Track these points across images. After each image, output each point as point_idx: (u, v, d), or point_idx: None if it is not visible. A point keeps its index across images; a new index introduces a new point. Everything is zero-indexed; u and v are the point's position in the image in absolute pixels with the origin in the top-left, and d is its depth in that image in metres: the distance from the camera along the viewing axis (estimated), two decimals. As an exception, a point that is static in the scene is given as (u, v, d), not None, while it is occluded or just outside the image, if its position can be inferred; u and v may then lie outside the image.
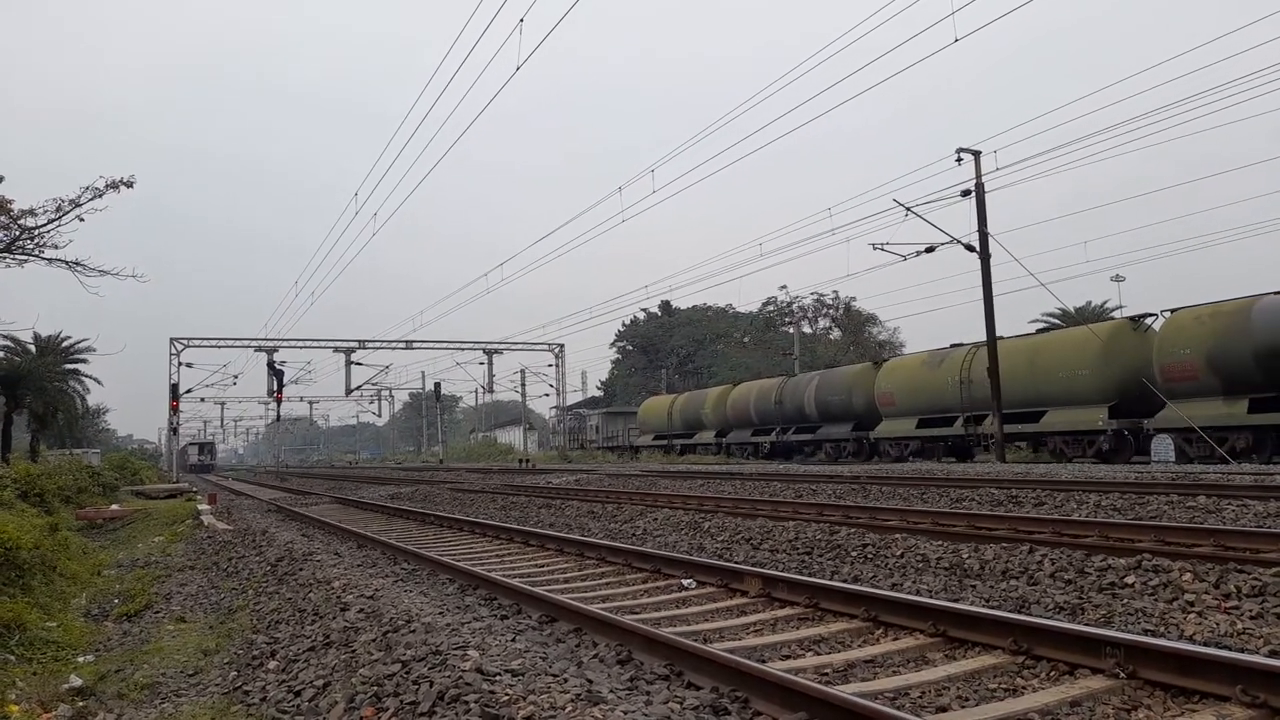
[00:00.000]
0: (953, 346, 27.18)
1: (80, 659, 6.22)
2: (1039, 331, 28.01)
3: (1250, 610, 5.15)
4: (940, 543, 8.01)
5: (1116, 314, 41.69)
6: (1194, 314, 20.07)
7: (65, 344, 44.52)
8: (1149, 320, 22.10)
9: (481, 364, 52.20)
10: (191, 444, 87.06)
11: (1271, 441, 18.15)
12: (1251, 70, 19.96)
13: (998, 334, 24.46)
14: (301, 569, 8.49)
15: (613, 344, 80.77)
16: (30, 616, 6.86)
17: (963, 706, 3.84)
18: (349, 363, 48.52)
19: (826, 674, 4.37)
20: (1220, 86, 20.43)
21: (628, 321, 77.76)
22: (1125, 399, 21.37)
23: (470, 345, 52.33)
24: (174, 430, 45.80)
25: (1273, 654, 4.35)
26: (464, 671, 3.97)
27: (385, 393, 71.17)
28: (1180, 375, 19.77)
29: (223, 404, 79.76)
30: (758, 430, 36.63)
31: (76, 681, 5.39)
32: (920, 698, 3.97)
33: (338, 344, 48.79)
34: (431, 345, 52.23)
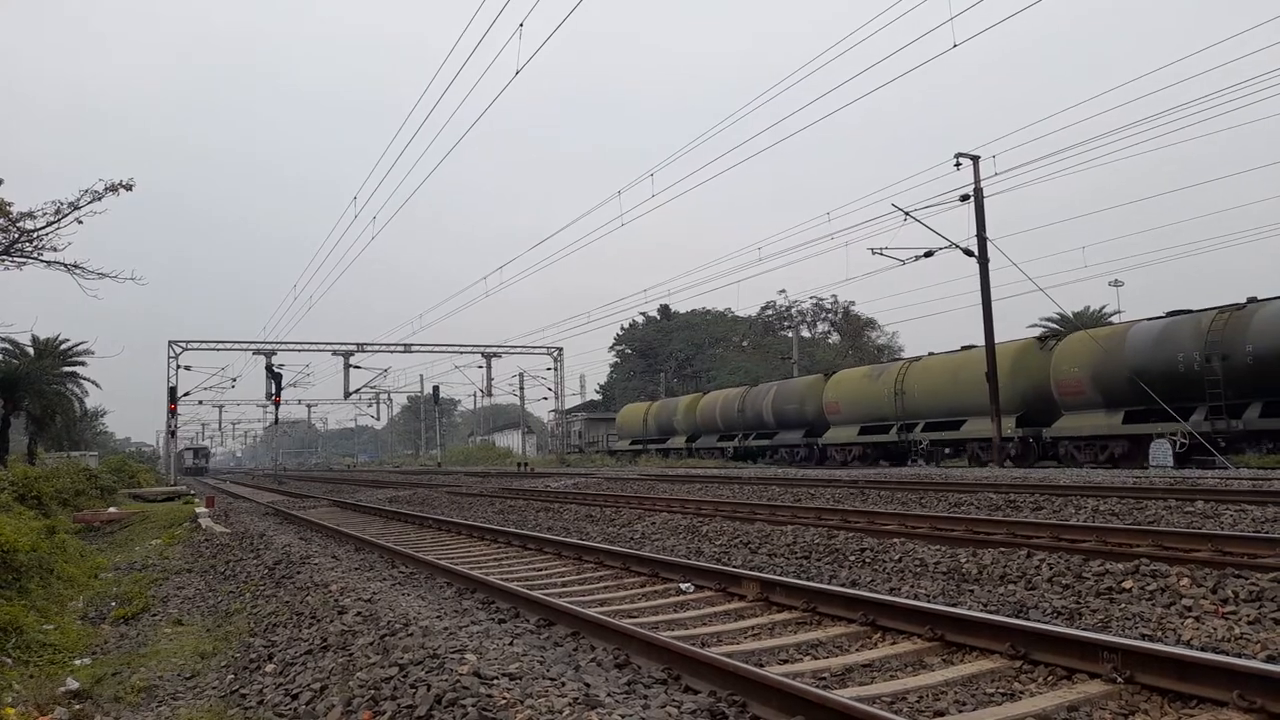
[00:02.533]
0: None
1: (77, 662, 6.20)
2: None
3: (1247, 615, 5.15)
4: (938, 547, 8.01)
5: (1115, 318, 41.78)
6: (1082, 336, 22.99)
7: (63, 346, 44.46)
8: (1053, 341, 24.44)
9: (480, 367, 52.22)
10: (187, 448, 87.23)
11: (1143, 449, 20.36)
12: (1253, 75, 20.03)
13: (995, 340, 24.52)
14: (299, 572, 8.48)
15: (611, 347, 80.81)
16: (27, 619, 6.85)
17: (960, 711, 3.84)
18: (347, 366, 48.49)
19: (824, 678, 4.37)
20: (1221, 91, 20.53)
21: (626, 325, 77.83)
22: (1030, 410, 23.94)
23: (469, 349, 52.32)
24: (172, 433, 45.69)
25: (1270, 659, 4.35)
26: (461, 675, 3.96)
27: (384, 396, 71.19)
28: (1071, 390, 22.41)
29: (221, 407, 79.90)
30: (723, 436, 39.35)
31: (73, 684, 5.37)
32: (918, 702, 3.97)
33: (336, 347, 48.76)
34: (430, 349, 52.26)
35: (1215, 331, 19.16)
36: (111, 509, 19.70)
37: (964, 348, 27.38)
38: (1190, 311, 20.51)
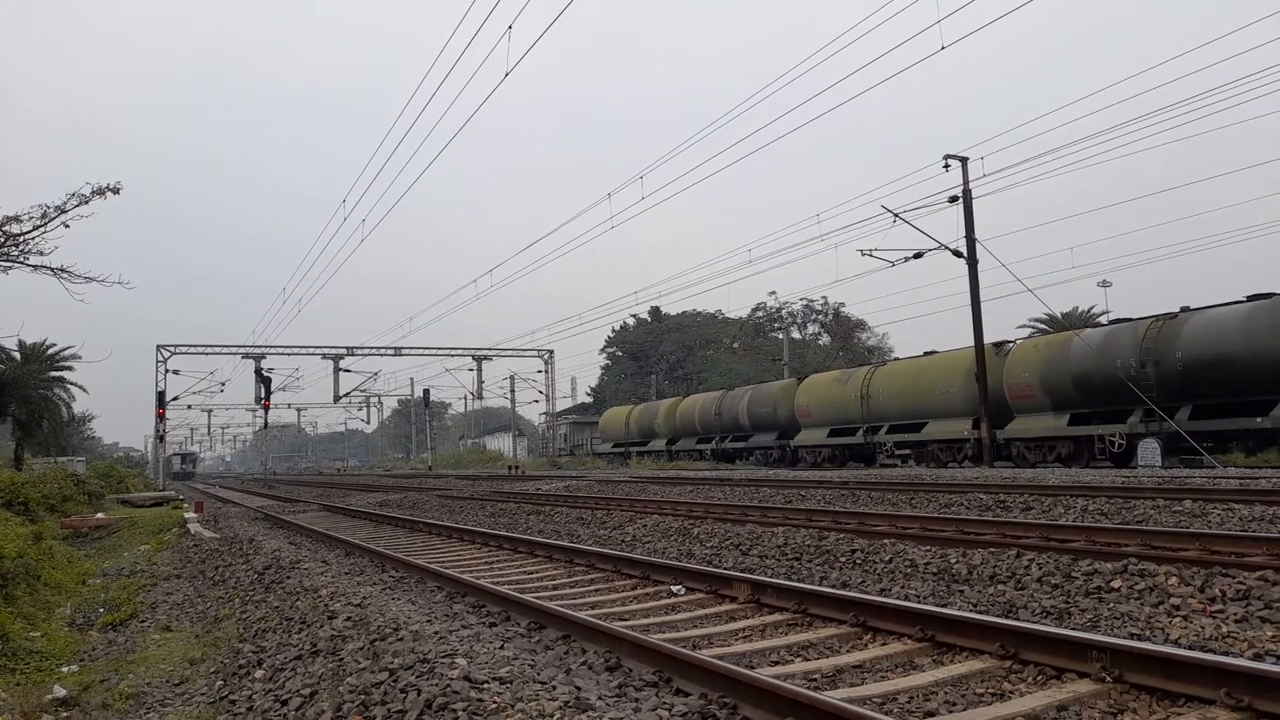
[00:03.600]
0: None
1: (64, 669, 6.16)
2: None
3: (1235, 614, 5.19)
4: (928, 548, 8.03)
5: (1103, 319, 42.01)
6: (1033, 343, 24.41)
7: (50, 351, 44.17)
8: (1008, 346, 25.31)
9: (471, 370, 52.10)
10: (175, 454, 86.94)
11: (1087, 449, 21.70)
12: (1244, 74, 20.20)
13: (983, 341, 24.64)
14: (289, 577, 8.44)
15: (602, 350, 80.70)
16: (13, 626, 6.80)
17: (950, 711, 3.85)
18: (337, 369, 48.31)
19: (815, 679, 4.37)
20: (1213, 90, 20.63)
21: (617, 327, 77.73)
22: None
23: (460, 351, 52.20)
24: (160, 438, 45.38)
25: (1257, 657, 4.38)
26: (452, 679, 3.95)
27: (374, 399, 71.01)
28: (1022, 394, 23.59)
29: (210, 411, 79.41)
30: (701, 438, 40.42)
31: (60, 691, 5.34)
32: (908, 703, 3.98)
33: (326, 351, 48.58)
34: (421, 352, 52.14)
35: (1150, 339, 20.39)
36: (99, 514, 19.57)
37: (926, 353, 28.51)
38: (1129, 320, 21.72)
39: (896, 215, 25.27)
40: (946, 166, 24.73)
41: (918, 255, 26.25)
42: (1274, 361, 17.80)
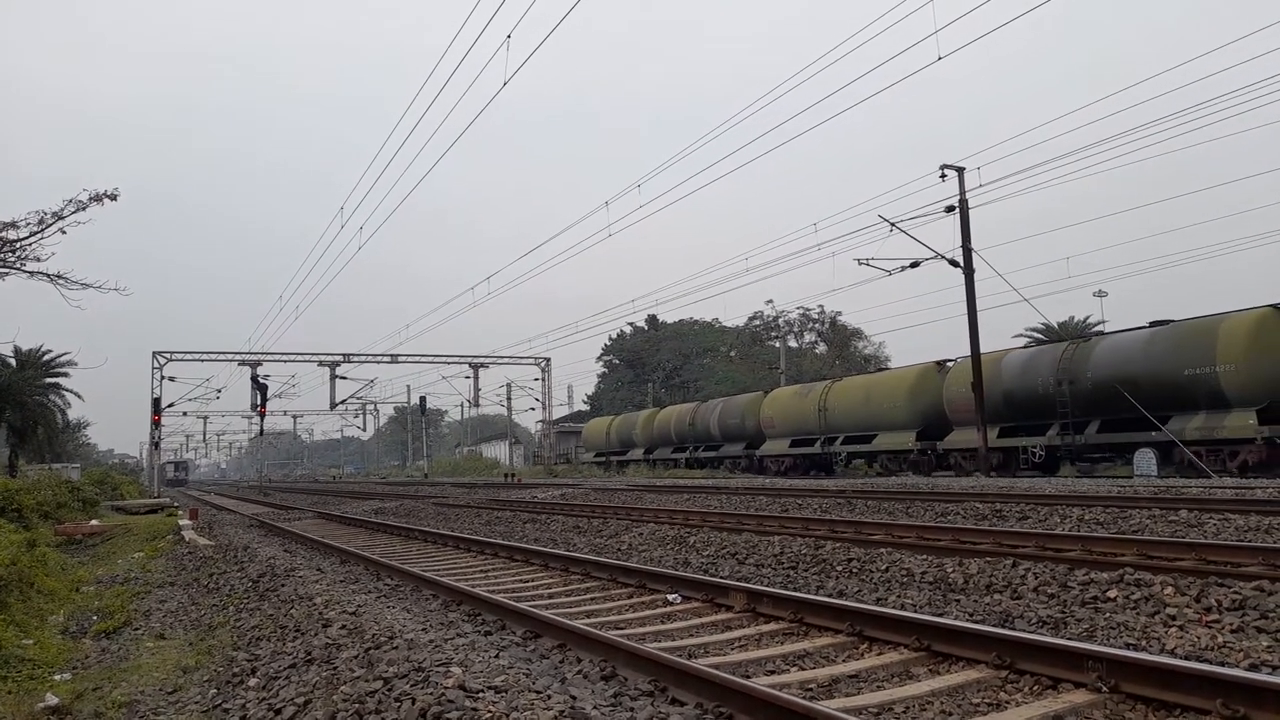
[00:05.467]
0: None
1: (57, 677, 6.12)
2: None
3: (1231, 624, 5.18)
4: (925, 557, 8.03)
5: (1099, 328, 42.15)
6: (970, 362, 25.68)
7: (46, 357, 44.11)
8: (948, 365, 27.48)
9: (467, 378, 52.11)
10: (168, 462, 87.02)
11: (1014, 459, 24.21)
12: (1238, 86, 20.32)
13: (981, 350, 24.70)
14: (283, 585, 8.41)
15: (599, 358, 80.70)
16: (5, 634, 6.76)
17: (946, 721, 3.85)
18: (334, 376, 48.27)
19: (811, 689, 4.36)
20: (1207, 101, 20.65)
21: (614, 335, 77.75)
22: (929, 425, 27.10)
23: (456, 359, 52.21)
24: (156, 445, 45.29)
25: (1253, 667, 4.38)
26: (446, 689, 3.94)
27: (370, 407, 70.85)
28: (959, 408, 25.55)
29: (205, 418, 79.11)
30: (677, 448, 42.99)
31: (53, 700, 5.31)
32: (904, 713, 3.97)
33: (322, 358, 48.55)
34: (417, 359, 52.12)
35: (1065, 360, 22.48)
36: (94, 521, 19.51)
37: (879, 369, 31.52)
38: (1052, 343, 24.13)
39: (893, 225, 25.35)
40: (943, 176, 24.81)
41: (914, 264, 26.31)
42: (1168, 381, 19.97)
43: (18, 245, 17.22)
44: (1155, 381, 20.24)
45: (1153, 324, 21.31)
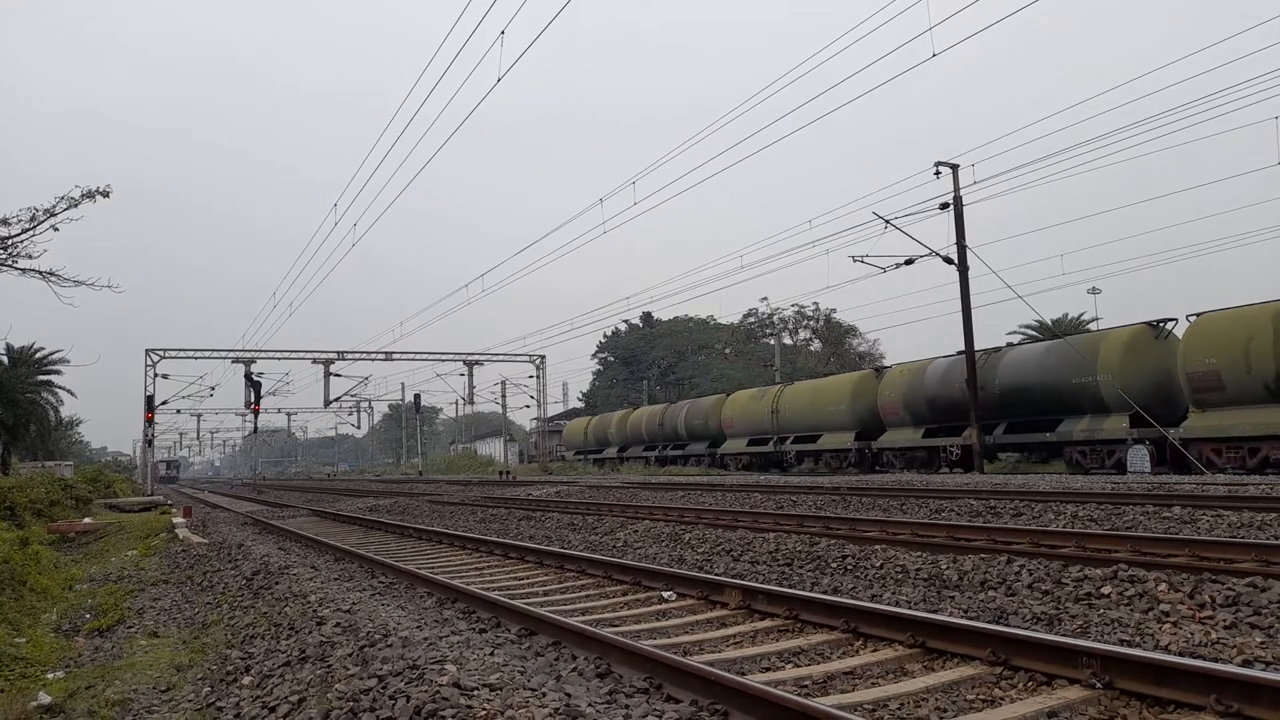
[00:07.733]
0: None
1: (50, 675, 6.09)
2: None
3: (1224, 620, 5.20)
4: (919, 554, 8.04)
5: (1092, 325, 42.25)
6: (899, 370, 29.23)
7: (38, 355, 43.95)
8: (885, 371, 30.12)
9: (462, 375, 52.03)
10: (160, 461, 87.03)
11: (936, 457, 26.49)
12: (1233, 83, 20.36)
13: (974, 347, 24.75)
14: (277, 583, 8.39)
15: (594, 355, 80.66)
16: (-2, 632, 6.73)
17: (941, 718, 3.85)
18: (328, 374, 48.10)
19: (806, 686, 4.37)
20: (1202, 99, 20.67)
21: (609, 333, 77.71)
22: (866, 427, 29.57)
23: (451, 356, 52.11)
24: (149, 442, 45.08)
25: (1246, 663, 4.39)
26: (441, 686, 3.93)
27: (364, 404, 70.77)
28: (891, 411, 28.31)
29: (199, 415, 78.97)
30: (648, 446, 45.52)
31: (46, 698, 5.28)
32: (899, 709, 3.97)
33: (316, 355, 48.41)
34: (411, 357, 52.01)
35: (978, 368, 24.74)
36: (87, 519, 19.42)
37: (825, 374, 33.86)
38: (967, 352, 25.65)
39: (888, 221, 25.37)
40: (938, 173, 24.85)
41: (909, 261, 26.33)
42: (1059, 389, 22.59)
43: (9, 242, 17.16)
44: (1048, 389, 23.02)
45: (1049, 337, 23.68)
